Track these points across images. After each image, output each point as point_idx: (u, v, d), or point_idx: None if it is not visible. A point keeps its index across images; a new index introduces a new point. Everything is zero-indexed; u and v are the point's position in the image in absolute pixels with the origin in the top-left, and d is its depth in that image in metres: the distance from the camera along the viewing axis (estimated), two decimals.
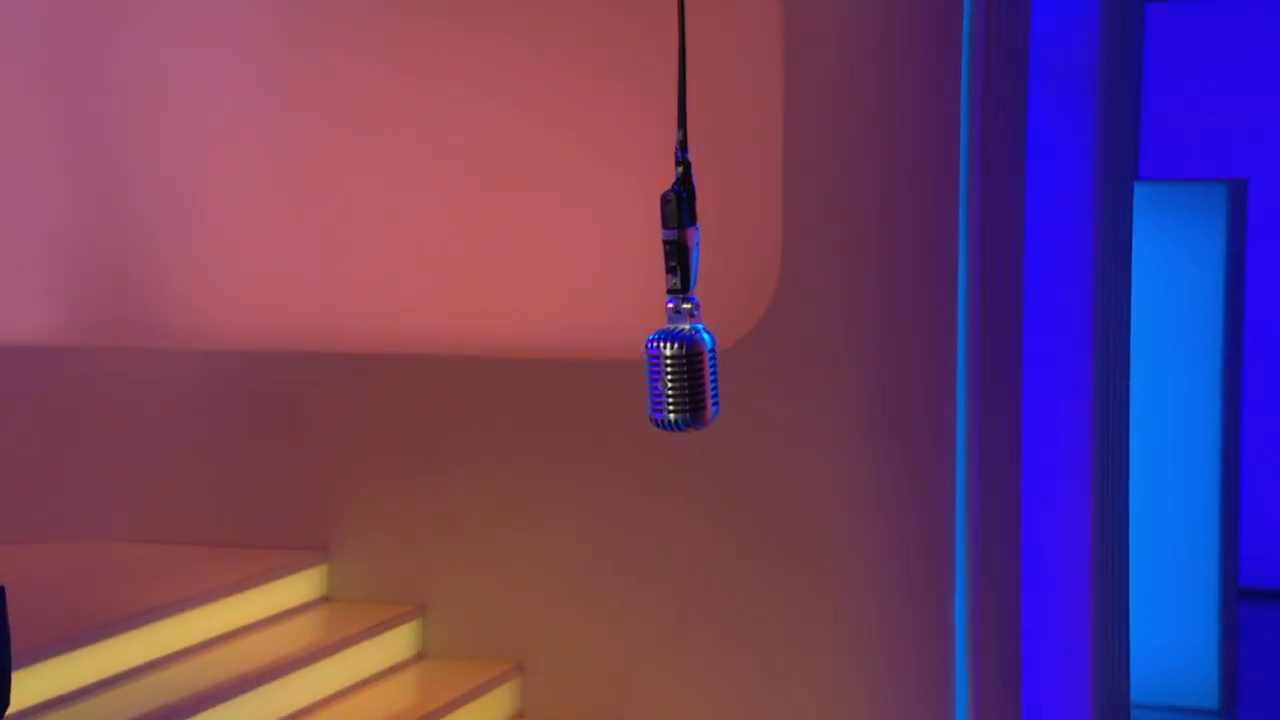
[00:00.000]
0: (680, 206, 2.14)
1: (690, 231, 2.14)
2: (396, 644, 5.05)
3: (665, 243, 2.14)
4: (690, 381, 2.11)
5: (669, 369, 2.10)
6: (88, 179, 5.70)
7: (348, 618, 5.04)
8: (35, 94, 5.75)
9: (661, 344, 2.10)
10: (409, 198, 5.38)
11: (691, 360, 2.12)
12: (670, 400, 2.15)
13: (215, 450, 5.34)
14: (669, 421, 2.21)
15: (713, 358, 2.17)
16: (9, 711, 3.61)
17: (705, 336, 2.16)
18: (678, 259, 2.13)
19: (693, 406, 2.15)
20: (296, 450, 5.29)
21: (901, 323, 4.88)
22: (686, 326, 2.14)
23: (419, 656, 5.12)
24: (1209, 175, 8.15)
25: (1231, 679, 7.17)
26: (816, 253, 4.88)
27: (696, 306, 2.15)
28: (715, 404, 2.22)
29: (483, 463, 5.14)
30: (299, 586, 5.12)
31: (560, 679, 5.07)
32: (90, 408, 5.46)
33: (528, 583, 5.10)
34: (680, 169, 2.09)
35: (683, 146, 2.07)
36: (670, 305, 2.17)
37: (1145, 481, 7.12)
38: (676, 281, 2.16)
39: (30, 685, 3.97)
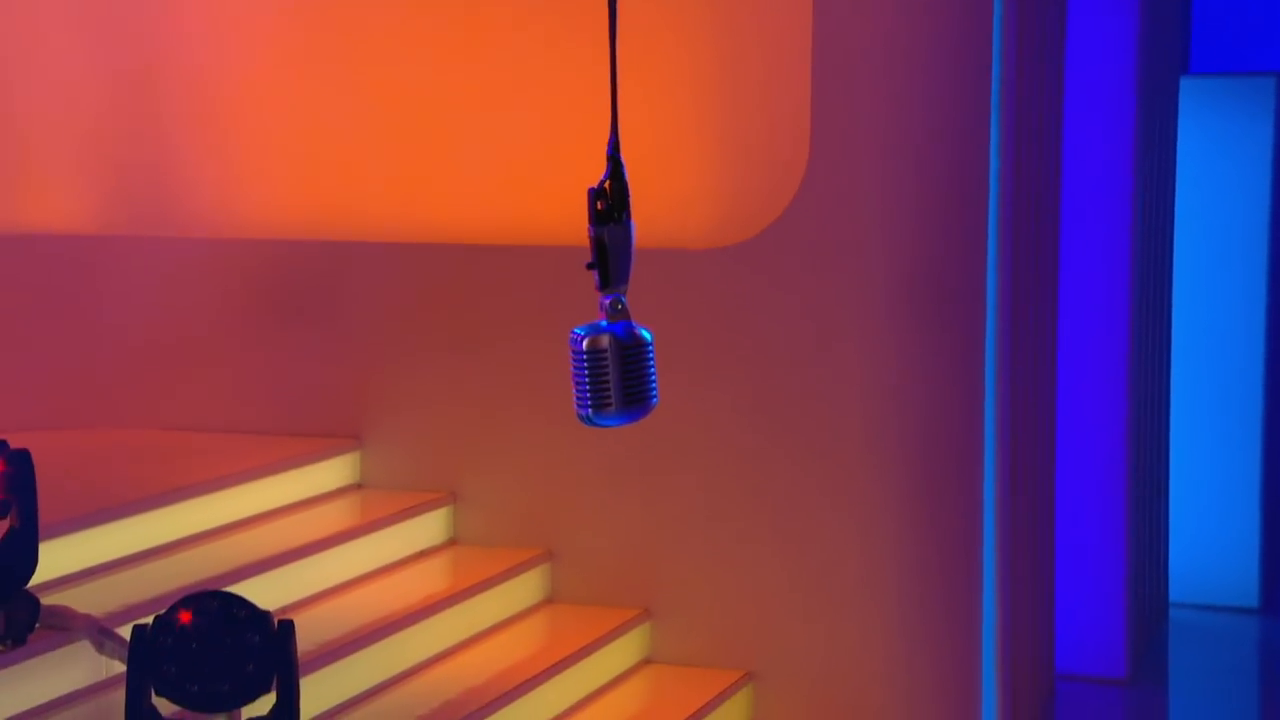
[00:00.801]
0: (604, 204, 2.04)
1: (612, 230, 2.03)
2: (428, 529, 5.16)
3: (590, 239, 2.05)
4: (613, 377, 2.01)
5: (593, 365, 2.01)
6: (120, 70, 5.79)
7: (379, 503, 5.16)
8: None
9: (587, 339, 1.99)
10: (436, 87, 5.45)
11: (613, 356, 2.02)
12: (595, 396, 2.07)
13: (248, 339, 5.45)
14: (590, 418, 2.15)
15: (649, 352, 2.06)
16: (34, 580, 3.75)
17: (643, 333, 2.07)
18: (597, 257, 2.03)
19: (615, 402, 2.06)
20: (328, 340, 5.39)
21: (932, 210, 4.93)
22: (622, 322, 2.04)
23: (450, 542, 5.24)
24: (1260, 69, 8.09)
25: (1272, 578, 7.22)
26: (845, 139, 4.92)
27: (620, 303, 2.04)
28: (654, 396, 2.12)
29: (513, 351, 5.23)
30: (331, 473, 5.24)
31: (589, 565, 5.17)
32: (123, 296, 5.57)
33: (558, 470, 5.19)
34: (610, 166, 2.00)
35: (615, 146, 2.00)
36: (600, 301, 2.08)
37: (1187, 378, 7.14)
38: (598, 280, 2.06)
39: (60, 556, 4.07)
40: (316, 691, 4.07)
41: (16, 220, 5.74)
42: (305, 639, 4.17)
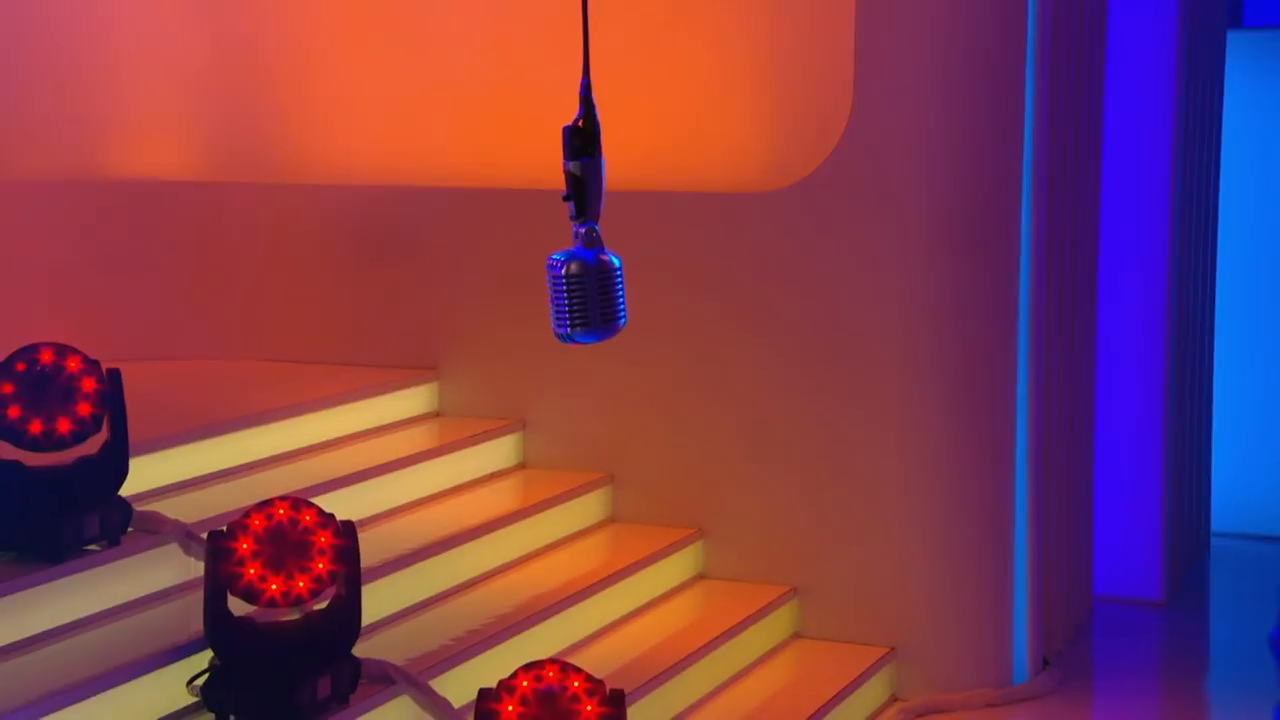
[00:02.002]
0: (578, 141, 2.10)
1: (588, 165, 2.09)
2: (500, 453, 5.38)
3: (565, 173, 2.13)
4: (589, 298, 2.10)
5: (570, 287, 2.09)
6: (222, 32, 6.01)
7: (454, 428, 5.38)
8: None
9: (565, 264, 2.09)
10: (511, 38, 5.61)
11: (589, 279, 2.10)
12: (571, 316, 2.16)
13: (336, 278, 5.67)
14: (569, 335, 2.25)
15: (618, 277, 2.15)
16: (132, 490, 3.99)
17: (613, 259, 2.16)
18: (574, 189, 2.11)
19: (592, 321, 2.15)
20: (409, 278, 5.60)
21: (968, 154, 5.03)
22: (596, 249, 2.14)
23: (519, 466, 5.45)
24: None
25: None
26: (888, 86, 5.03)
27: (594, 233, 2.10)
28: (623, 317, 2.20)
29: None
30: (412, 400, 5.47)
31: (647, 489, 5.36)
32: (226, 238, 5.80)
33: (619, 401, 5.38)
34: (583, 106, 2.07)
35: (587, 88, 2.07)
36: (575, 230, 2.17)
37: (1230, 314, 7.12)
38: (573, 209, 2.14)
39: (156, 469, 4.34)
40: (393, 593, 4.33)
41: (131, 168, 6.01)
42: (382, 548, 4.43)
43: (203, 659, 3.69)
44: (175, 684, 3.69)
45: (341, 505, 4.28)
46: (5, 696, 3.46)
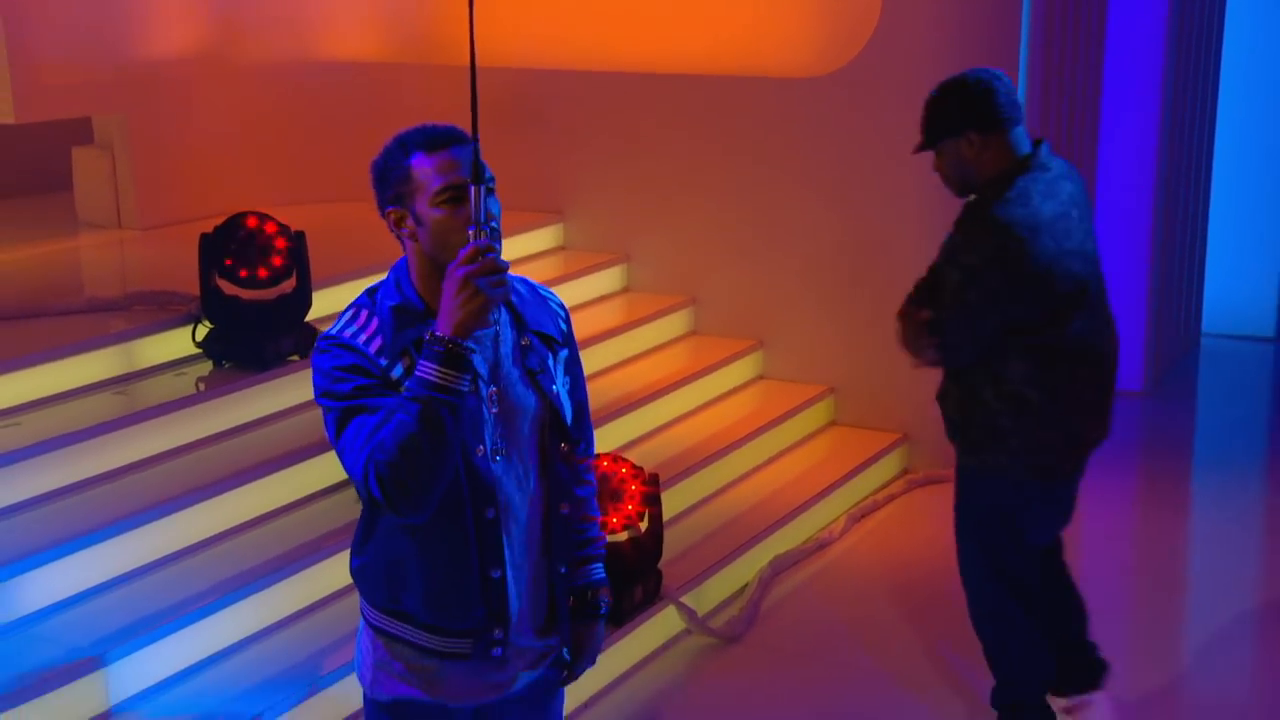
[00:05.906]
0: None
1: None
2: (608, 281, 6.16)
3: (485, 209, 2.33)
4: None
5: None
6: None
7: (574, 261, 6.14)
8: None
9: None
10: None
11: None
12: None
13: (486, 141, 6.25)
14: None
15: None
16: (315, 315, 4.75)
17: None
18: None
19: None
20: (540, 143, 6.28)
21: (975, 42, 5.47)
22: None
23: (624, 290, 6.20)
24: None
25: None
26: None
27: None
28: None
29: (674, 151, 6.04)
30: (542, 237, 6.24)
31: (722, 310, 6.03)
32: (399, 108, 6.41)
33: (701, 239, 6.04)
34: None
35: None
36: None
37: (1231, 120, 7.13)
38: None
39: (344, 296, 4.97)
40: None
41: (317, 50, 6.65)
42: None
43: None
44: None
45: None
46: (230, 464, 4.33)
